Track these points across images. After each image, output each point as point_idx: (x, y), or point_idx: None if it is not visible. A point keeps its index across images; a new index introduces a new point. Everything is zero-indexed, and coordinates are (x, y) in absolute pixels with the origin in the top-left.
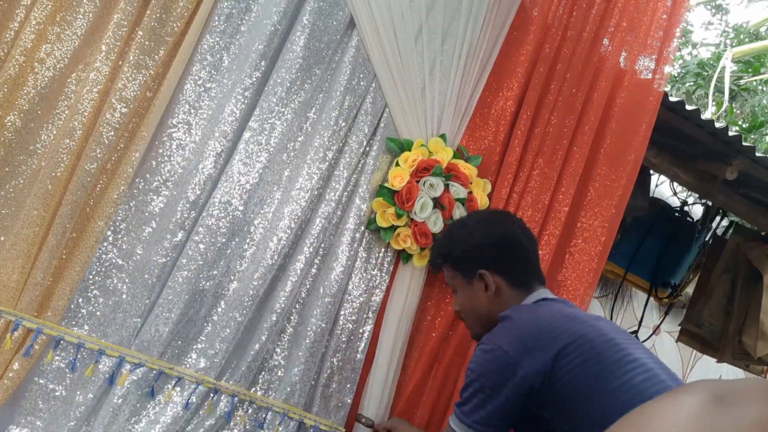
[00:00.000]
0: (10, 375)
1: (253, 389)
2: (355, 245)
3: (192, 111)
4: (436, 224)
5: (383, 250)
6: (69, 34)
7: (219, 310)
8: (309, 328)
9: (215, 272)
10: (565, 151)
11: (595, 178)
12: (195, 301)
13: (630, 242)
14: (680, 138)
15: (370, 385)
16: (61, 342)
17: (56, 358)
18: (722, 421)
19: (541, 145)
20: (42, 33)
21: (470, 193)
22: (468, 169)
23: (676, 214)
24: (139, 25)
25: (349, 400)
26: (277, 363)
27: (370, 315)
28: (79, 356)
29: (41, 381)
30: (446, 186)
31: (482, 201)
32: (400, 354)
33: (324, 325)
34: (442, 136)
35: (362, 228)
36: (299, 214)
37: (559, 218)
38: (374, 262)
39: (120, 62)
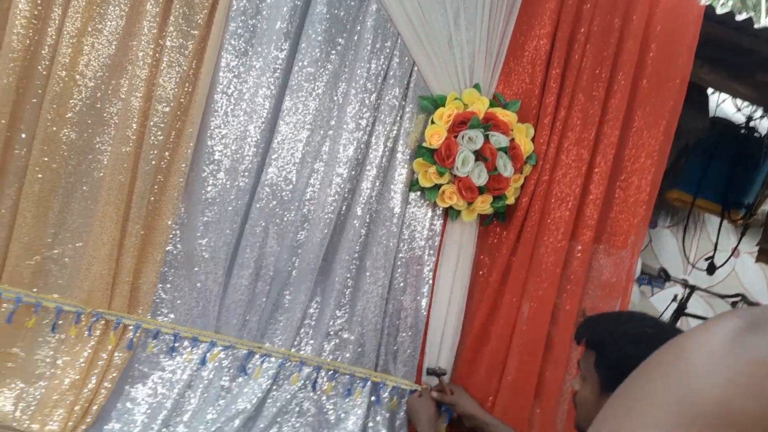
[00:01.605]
0: (117, 362)
1: (328, 357)
2: (402, 208)
3: (228, 99)
4: (480, 177)
5: (430, 209)
6: (103, 42)
7: (286, 285)
8: (368, 293)
9: (274, 250)
10: (606, 84)
11: (640, 108)
12: (262, 280)
13: (695, 167)
14: (733, 51)
15: (431, 341)
16: (159, 333)
17: (155, 348)
18: (755, 344)
19: (579, 81)
20: (77, 46)
21: (512, 140)
22: (507, 116)
23: (742, 131)
24: (166, 23)
25: (416, 357)
26: (344, 329)
27: (425, 274)
28: (176, 344)
29: (140, 367)
30: (486, 137)
31: (526, 147)
32: (458, 309)
33: (381, 290)
34: (476, 86)
35: (407, 190)
36: (343, 185)
37: (607, 154)
38: (423, 222)
39: (155, 64)
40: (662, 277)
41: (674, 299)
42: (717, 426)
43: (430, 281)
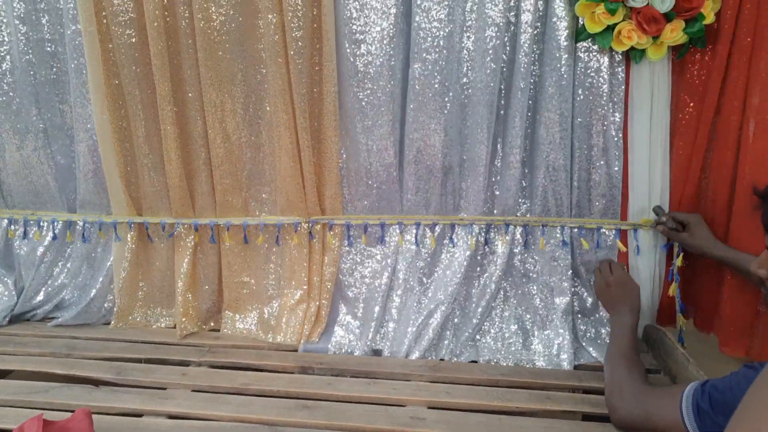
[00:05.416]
0: (333, 250)
1: (526, 215)
2: (570, 65)
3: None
4: (664, 1)
5: (606, 58)
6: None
7: (458, 176)
8: (549, 167)
9: (437, 148)
10: None
11: None
12: (434, 176)
13: None
14: None
15: (633, 190)
16: (367, 226)
17: (367, 238)
18: None
19: None
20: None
21: None
22: None
23: None
24: None
25: (617, 199)
26: (534, 183)
27: (614, 134)
28: (383, 232)
29: (361, 248)
30: None
31: None
32: (662, 165)
33: (563, 161)
34: None
35: (572, 44)
36: (500, 54)
37: None
38: (600, 76)
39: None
40: None
41: None
42: None
43: (620, 142)
